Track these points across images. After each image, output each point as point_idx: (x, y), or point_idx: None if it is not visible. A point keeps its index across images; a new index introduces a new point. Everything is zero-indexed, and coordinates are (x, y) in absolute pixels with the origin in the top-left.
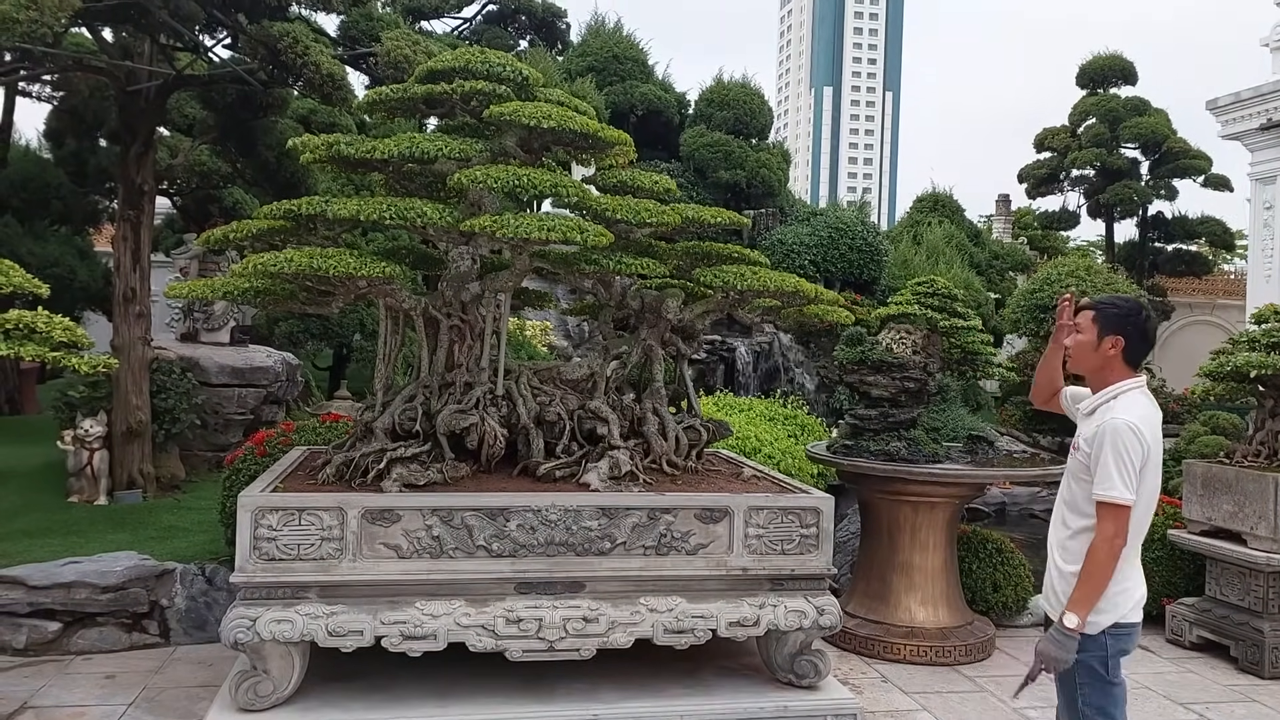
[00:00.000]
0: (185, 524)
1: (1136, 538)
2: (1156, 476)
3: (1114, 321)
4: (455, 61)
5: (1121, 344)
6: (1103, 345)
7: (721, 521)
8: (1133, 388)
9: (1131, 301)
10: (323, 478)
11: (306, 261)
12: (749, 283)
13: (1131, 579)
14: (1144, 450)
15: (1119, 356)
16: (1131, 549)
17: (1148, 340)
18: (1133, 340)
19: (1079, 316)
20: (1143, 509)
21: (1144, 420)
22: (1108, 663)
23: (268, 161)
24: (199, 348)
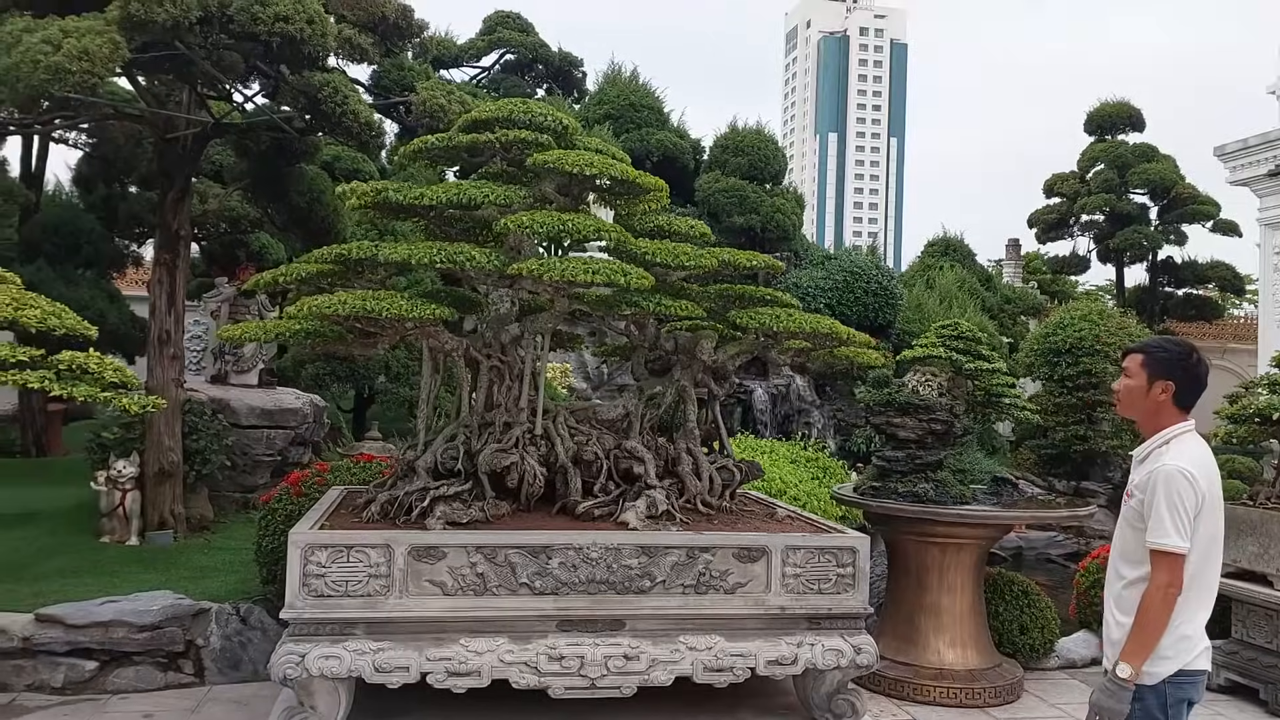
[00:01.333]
0: (216, 564)
1: (1202, 586)
2: (1216, 521)
3: (1164, 366)
4: (498, 111)
5: (1172, 389)
6: (1153, 390)
7: (759, 561)
8: (1184, 432)
9: (1182, 345)
10: (367, 516)
11: (359, 304)
12: (784, 324)
13: (1193, 626)
14: (1198, 497)
15: (1169, 401)
16: (1197, 597)
17: (1199, 384)
18: (1183, 384)
19: (1126, 360)
20: (1200, 555)
21: (1197, 465)
22: (1167, 711)
23: (298, 207)
24: (229, 390)
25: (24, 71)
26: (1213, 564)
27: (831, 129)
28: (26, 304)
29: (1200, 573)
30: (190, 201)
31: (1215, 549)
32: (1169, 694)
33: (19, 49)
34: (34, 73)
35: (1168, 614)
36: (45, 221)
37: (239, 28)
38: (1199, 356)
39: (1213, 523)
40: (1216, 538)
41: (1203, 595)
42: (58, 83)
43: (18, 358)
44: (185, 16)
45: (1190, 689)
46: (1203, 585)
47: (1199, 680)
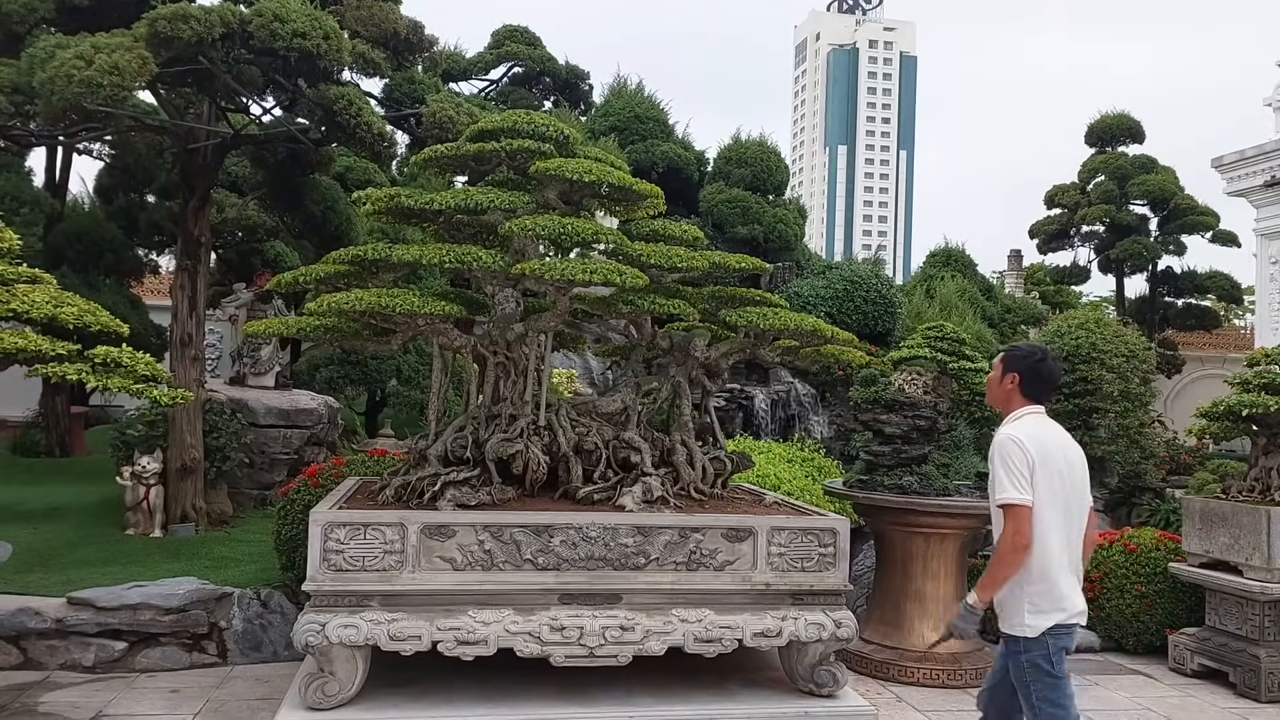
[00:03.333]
0: (236, 555)
1: (1061, 550)
2: (1056, 488)
3: (1012, 362)
4: (503, 122)
5: (1018, 380)
6: (1004, 381)
7: (746, 540)
8: (1026, 414)
9: (1034, 348)
10: (382, 499)
11: (375, 300)
12: (770, 322)
13: (1066, 589)
14: (1028, 458)
15: (1017, 390)
16: (1057, 562)
17: (1042, 378)
18: (1027, 377)
19: (996, 358)
20: (1049, 522)
21: (1028, 435)
22: (1051, 659)
23: (313, 215)
24: (247, 390)
25: (58, 85)
26: (1061, 533)
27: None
28: (64, 302)
29: (1056, 539)
30: (209, 210)
31: (1062, 520)
32: (1050, 644)
33: (53, 64)
34: (68, 86)
35: (1015, 558)
36: (69, 230)
37: (259, 43)
38: (1046, 357)
39: (1052, 488)
40: (1066, 509)
41: (1069, 563)
42: (90, 96)
43: (57, 351)
44: (209, 33)
45: (1065, 638)
46: (1065, 552)
47: (1073, 632)
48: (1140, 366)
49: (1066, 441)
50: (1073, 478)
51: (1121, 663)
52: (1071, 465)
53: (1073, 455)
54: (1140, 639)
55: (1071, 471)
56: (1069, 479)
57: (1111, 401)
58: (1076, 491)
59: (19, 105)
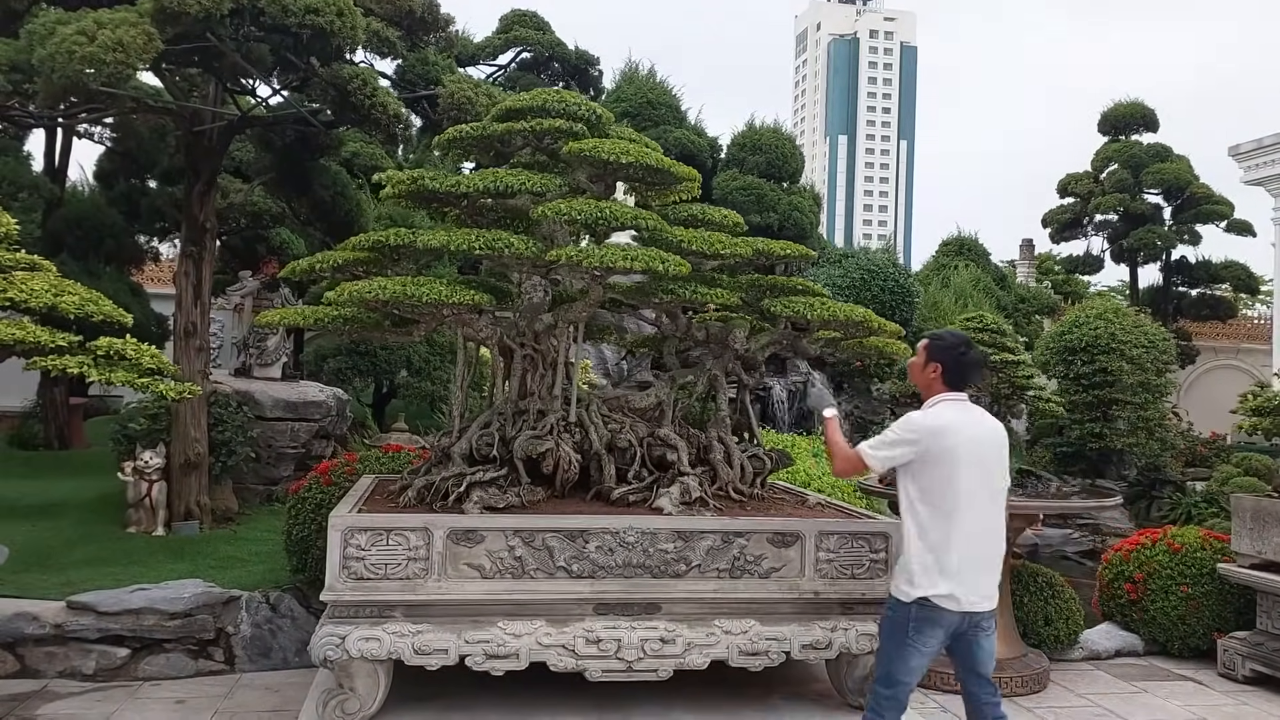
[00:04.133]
0: (243, 554)
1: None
2: (951, 472)
3: (936, 351)
4: (532, 101)
5: (940, 370)
6: (927, 369)
7: (793, 546)
8: (944, 400)
9: (957, 338)
10: (404, 501)
11: (399, 289)
12: (818, 312)
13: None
14: (912, 437)
15: (939, 379)
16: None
17: (964, 369)
18: (949, 368)
19: (920, 344)
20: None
21: (933, 419)
22: (908, 625)
23: (322, 200)
24: (253, 382)
25: (59, 63)
26: (956, 516)
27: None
28: (64, 290)
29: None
30: (215, 195)
31: (953, 505)
32: (913, 613)
33: (53, 40)
34: (69, 63)
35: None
36: (68, 215)
37: (269, 20)
38: (968, 349)
39: (945, 471)
40: (958, 493)
41: (946, 539)
42: (93, 74)
43: (56, 342)
44: (217, 9)
45: (934, 615)
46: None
47: (941, 616)
48: (1160, 358)
49: (983, 426)
50: (984, 464)
51: (1168, 667)
52: (984, 451)
53: (987, 438)
54: (1186, 642)
55: (983, 457)
56: (978, 464)
57: (1131, 393)
58: (987, 475)
59: (17, 84)
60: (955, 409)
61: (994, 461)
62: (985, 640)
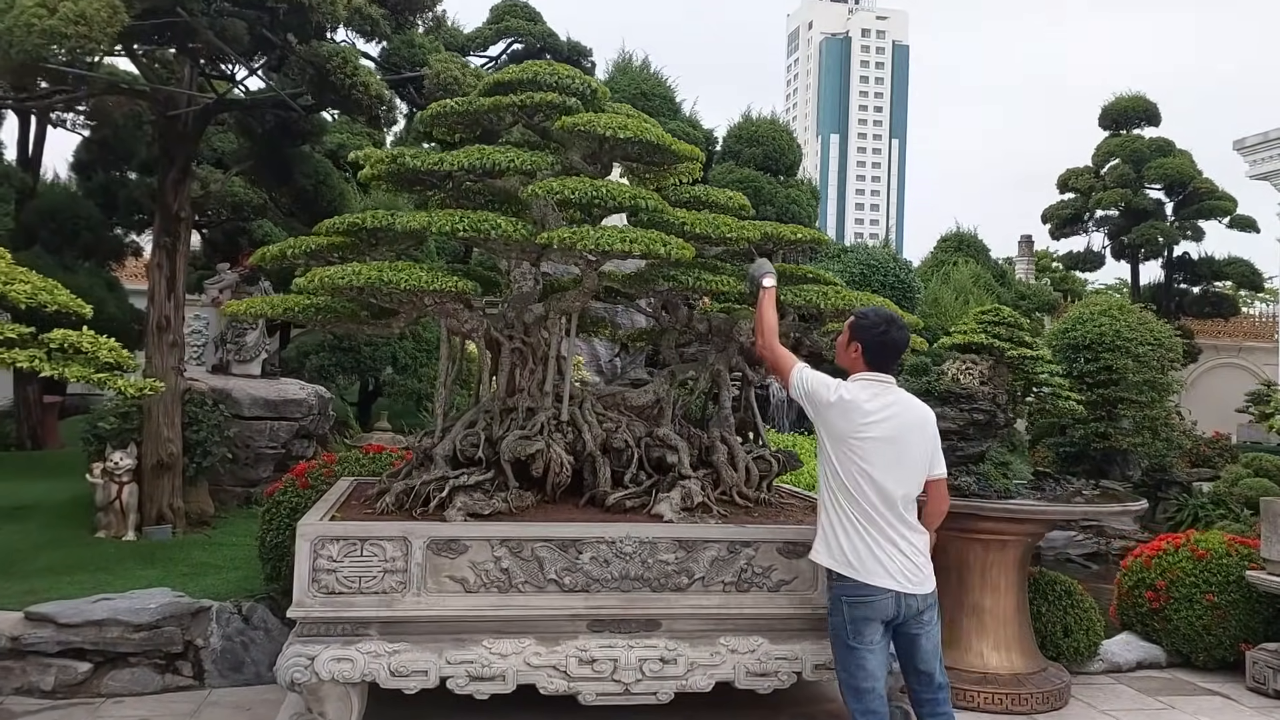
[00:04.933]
0: (217, 561)
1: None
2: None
3: (858, 330)
4: (522, 73)
5: (860, 349)
6: (850, 348)
7: (805, 556)
8: (860, 377)
9: (881, 316)
10: (381, 507)
11: (375, 274)
12: (832, 302)
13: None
14: (830, 391)
15: (860, 358)
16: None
17: (886, 349)
18: (870, 347)
19: (847, 321)
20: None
21: (847, 389)
22: (846, 628)
23: (304, 190)
24: (231, 379)
25: (17, 36)
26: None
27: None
28: (16, 278)
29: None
30: (190, 183)
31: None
32: (845, 611)
33: (11, 13)
34: (27, 37)
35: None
36: (42, 207)
37: None
38: (889, 328)
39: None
40: (887, 481)
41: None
42: (53, 48)
43: (5, 334)
44: None
45: (865, 606)
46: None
47: (873, 601)
48: (1166, 355)
49: (902, 410)
50: (897, 443)
51: (1193, 681)
52: (899, 433)
53: (906, 422)
54: (1211, 654)
55: (897, 438)
56: (889, 444)
57: (1137, 391)
58: (900, 456)
59: None
60: (873, 389)
61: (910, 444)
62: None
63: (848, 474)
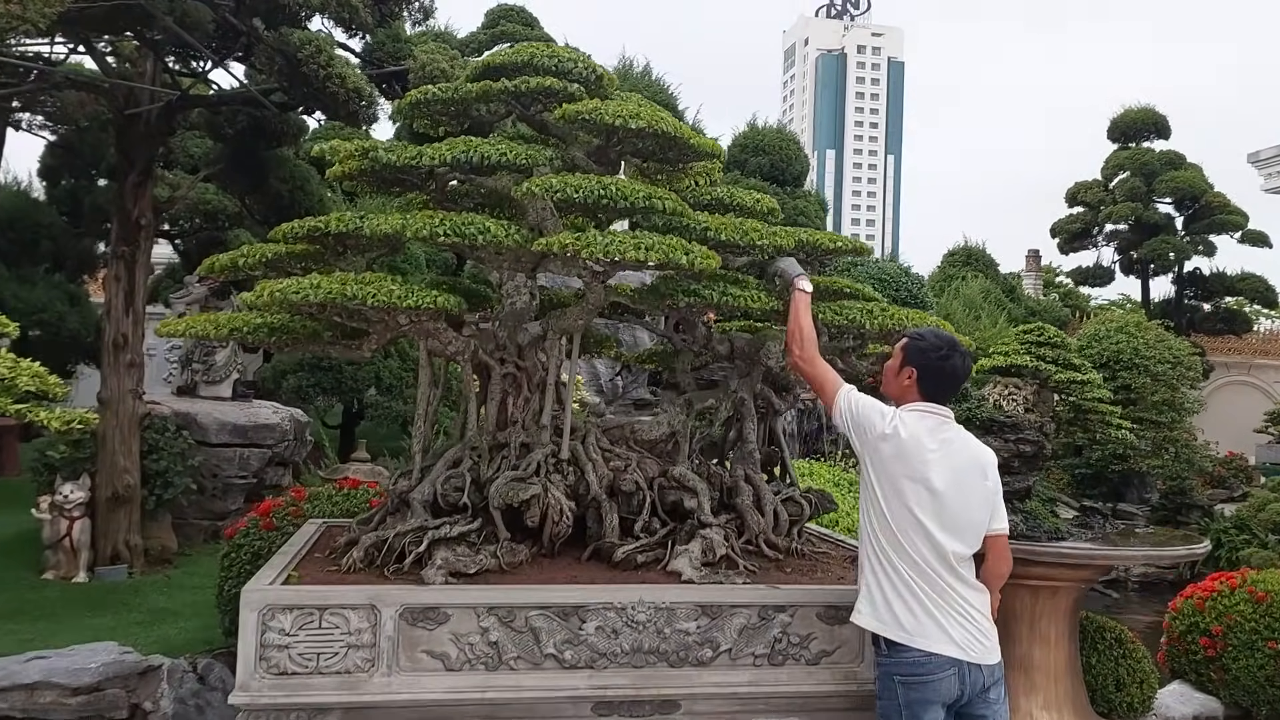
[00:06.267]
0: (176, 606)
1: (902, 563)
2: (911, 494)
3: (913, 354)
4: (516, 56)
5: (915, 375)
6: (901, 374)
7: (849, 621)
8: (915, 409)
9: (941, 339)
10: (348, 563)
11: (339, 289)
12: (879, 321)
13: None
14: (885, 420)
15: (914, 386)
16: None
17: (943, 376)
18: (925, 374)
19: (898, 343)
20: (886, 509)
21: (903, 420)
22: (900, 714)
23: (280, 196)
24: (197, 403)
25: None
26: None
27: (830, 146)
28: None
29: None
30: (152, 188)
31: (926, 536)
32: (901, 695)
33: None
34: None
35: (806, 343)
36: None
37: None
38: (951, 353)
39: (912, 485)
40: (934, 532)
41: (906, 564)
42: None
43: None
44: None
45: (925, 688)
46: (899, 546)
47: (932, 681)
48: (1186, 374)
49: (959, 450)
50: (948, 490)
51: None
52: (952, 477)
53: (961, 466)
54: (1275, 708)
55: (948, 483)
56: (937, 489)
57: (1156, 411)
58: (949, 505)
59: None
60: (929, 423)
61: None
62: None
63: (899, 523)
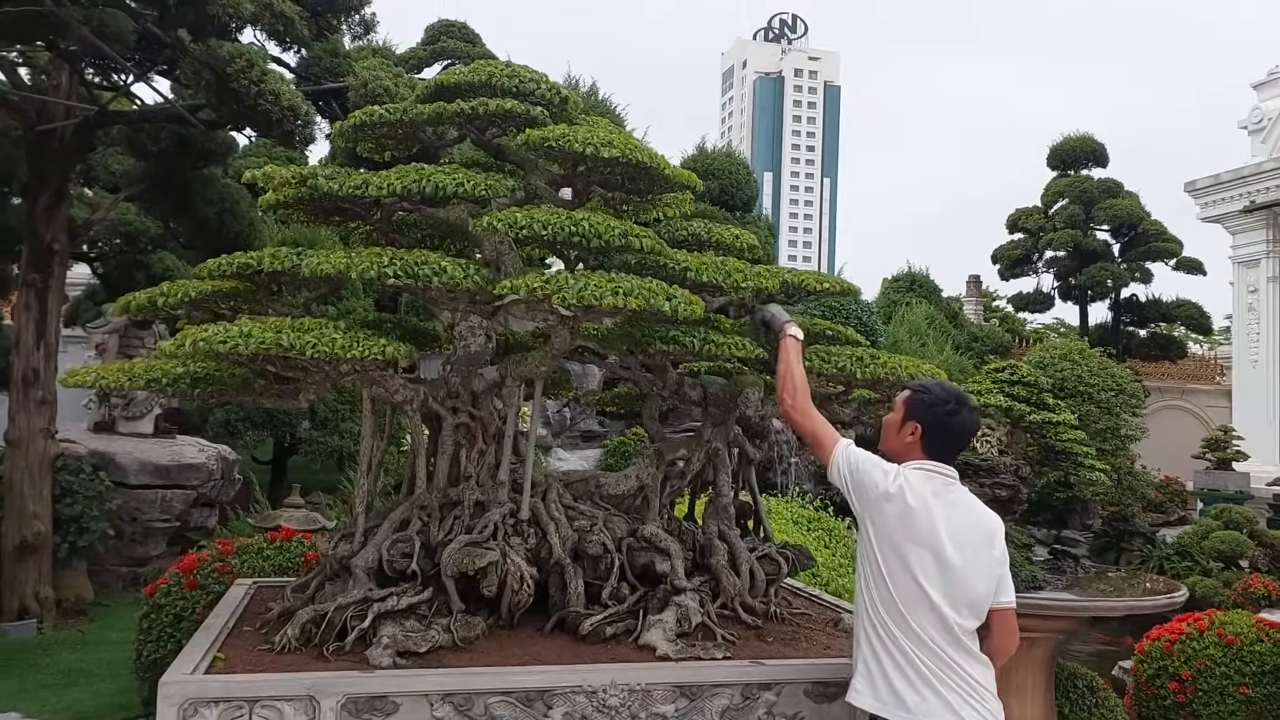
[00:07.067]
0: (90, 665)
1: (902, 635)
2: (915, 563)
3: (918, 408)
4: (473, 75)
5: (919, 431)
6: (904, 429)
7: (838, 699)
8: (918, 467)
9: (947, 392)
10: (282, 641)
11: (274, 338)
12: (870, 370)
13: (907, 672)
14: (888, 479)
15: (916, 443)
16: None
17: (949, 434)
18: (930, 430)
19: (898, 395)
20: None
21: (908, 479)
22: None
23: (207, 219)
24: (115, 440)
25: None
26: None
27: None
28: None
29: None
30: (68, 209)
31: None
32: None
33: None
34: None
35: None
36: None
37: None
38: (959, 409)
39: (917, 551)
40: (936, 601)
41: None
42: None
43: None
44: None
45: None
46: (902, 618)
47: None
48: (1130, 401)
49: (963, 516)
50: (951, 560)
51: None
52: (955, 546)
53: (964, 535)
54: None
55: (950, 553)
56: (939, 559)
57: (1101, 440)
58: (954, 578)
59: None
60: (933, 484)
61: (974, 564)
62: None
63: (902, 593)
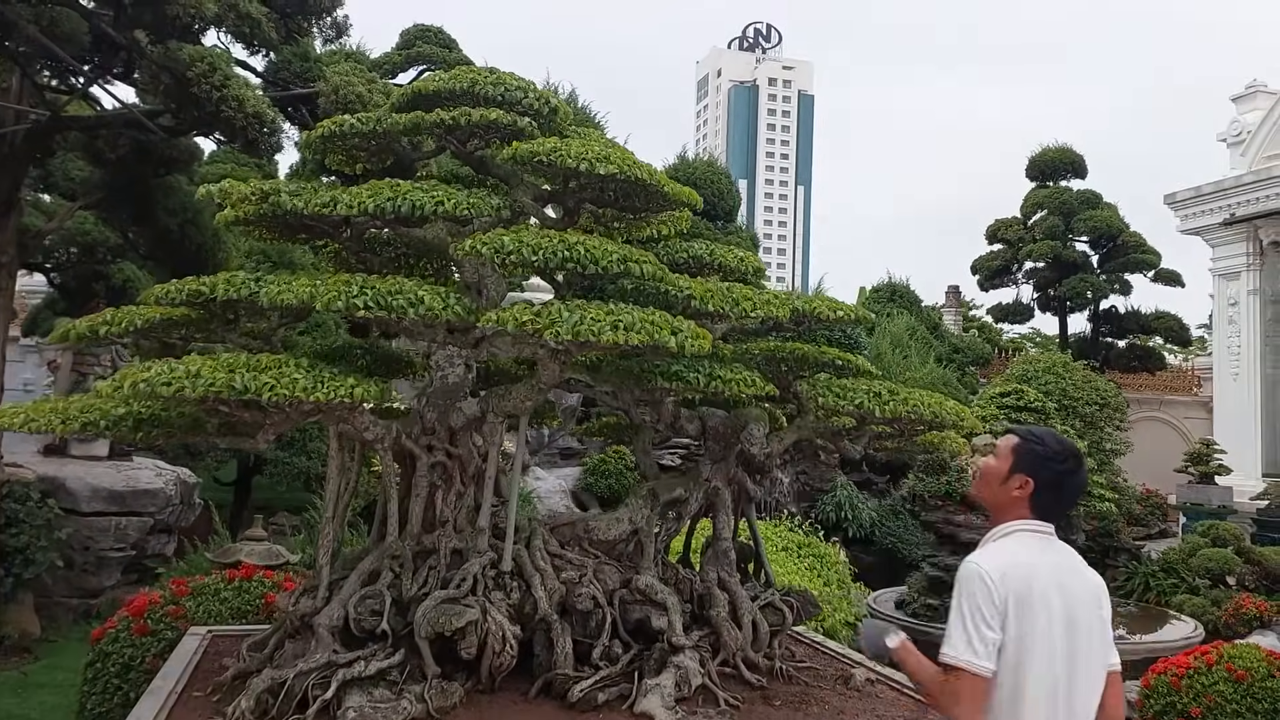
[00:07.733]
0: (30, 711)
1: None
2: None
3: (1031, 460)
4: (453, 83)
5: (1030, 487)
6: (1011, 480)
7: None
8: (1021, 531)
9: (1064, 445)
10: (235, 713)
11: (225, 379)
12: (890, 408)
13: None
14: (997, 604)
15: (1025, 499)
16: None
17: (1062, 492)
18: (1043, 485)
19: (1001, 440)
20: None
21: (1004, 569)
22: None
23: (168, 230)
24: (67, 464)
25: None
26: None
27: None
28: None
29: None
30: (19, 219)
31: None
32: None
33: None
34: None
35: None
36: None
37: None
38: (1078, 467)
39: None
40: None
41: None
42: None
43: None
44: None
45: None
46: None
47: None
48: (1114, 415)
49: (1072, 578)
50: (1074, 630)
51: None
52: (1074, 614)
53: (1079, 598)
54: None
55: (1073, 622)
56: (1065, 632)
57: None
58: (1078, 650)
59: None
60: (1036, 548)
61: (1090, 628)
62: None
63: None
